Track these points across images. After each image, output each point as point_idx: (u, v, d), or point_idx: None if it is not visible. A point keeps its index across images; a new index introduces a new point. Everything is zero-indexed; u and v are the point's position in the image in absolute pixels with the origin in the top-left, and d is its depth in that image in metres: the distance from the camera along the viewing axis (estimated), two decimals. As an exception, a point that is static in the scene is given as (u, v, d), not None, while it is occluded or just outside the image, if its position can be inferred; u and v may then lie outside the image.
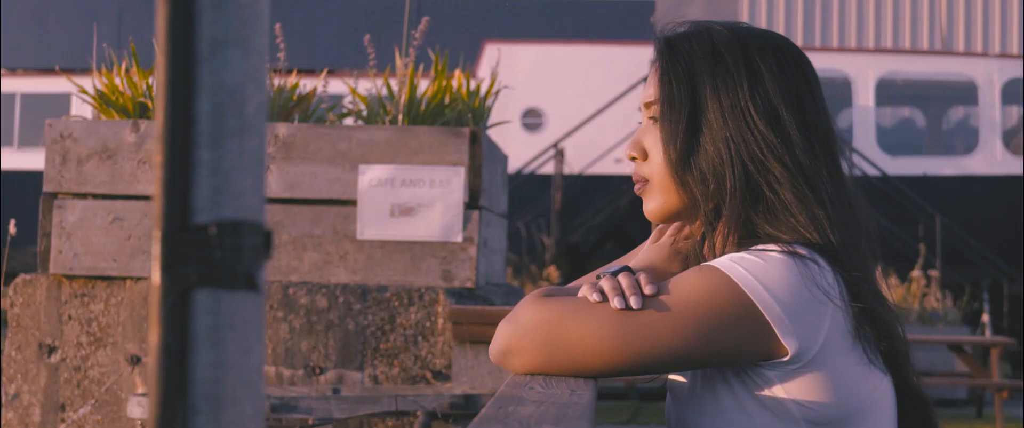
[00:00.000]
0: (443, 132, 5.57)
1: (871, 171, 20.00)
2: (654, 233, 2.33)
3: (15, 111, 23.14)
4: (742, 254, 2.02)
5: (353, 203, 5.60)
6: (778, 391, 2.02)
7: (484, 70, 20.97)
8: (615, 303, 1.99)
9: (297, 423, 4.30)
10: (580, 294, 2.06)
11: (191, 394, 1.05)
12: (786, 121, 2.10)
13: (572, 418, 1.52)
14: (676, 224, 2.27)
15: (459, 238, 5.55)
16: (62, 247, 5.61)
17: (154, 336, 1.05)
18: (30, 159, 21.78)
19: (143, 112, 5.76)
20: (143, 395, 4.46)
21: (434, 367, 5.45)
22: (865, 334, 2.05)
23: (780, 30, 25.66)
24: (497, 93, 6.13)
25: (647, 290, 2.01)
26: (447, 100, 5.94)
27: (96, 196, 5.65)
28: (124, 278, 5.59)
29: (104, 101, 5.79)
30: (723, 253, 2.10)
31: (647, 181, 2.21)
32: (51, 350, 5.60)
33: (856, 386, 2.04)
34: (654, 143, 2.19)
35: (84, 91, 5.87)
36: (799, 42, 24.94)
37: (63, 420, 5.55)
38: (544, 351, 2.03)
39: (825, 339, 1.99)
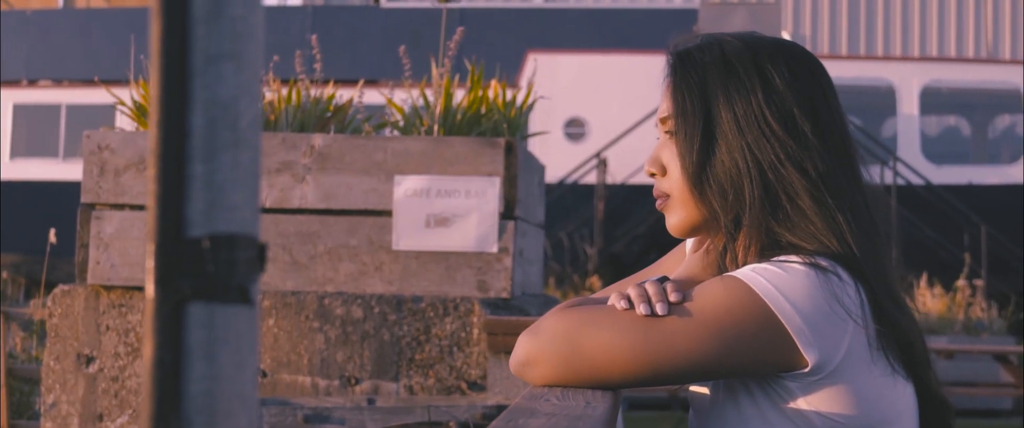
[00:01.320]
0: (478, 142, 5.57)
1: (916, 180, 19.90)
2: (694, 241, 2.32)
3: (60, 123, 23.31)
4: (764, 265, 2.01)
5: (388, 214, 5.61)
6: (800, 403, 2.01)
7: (526, 80, 20.95)
8: (641, 309, 1.99)
9: (330, 433, 4.32)
10: (608, 303, 2.06)
11: (185, 407, 1.05)
12: (802, 127, 2.09)
13: (582, 430, 1.52)
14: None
15: (494, 248, 5.54)
16: (100, 258, 5.64)
17: (148, 349, 1.05)
18: (75, 170, 21.93)
19: (180, 123, 5.78)
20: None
21: (469, 378, 5.45)
22: (887, 344, 2.04)
23: (824, 39, 25.59)
24: (533, 103, 6.12)
25: (672, 298, 2.01)
26: (483, 110, 5.94)
27: (133, 207, 5.68)
28: (161, 289, 5.60)
29: (142, 112, 5.83)
30: (745, 263, 2.09)
31: (668, 196, 2.21)
32: (89, 360, 5.63)
33: (879, 398, 2.03)
34: (672, 158, 2.18)
35: (122, 103, 5.91)
36: (843, 51, 24.87)
37: (101, 430, 5.58)
38: (563, 361, 2.02)
39: (846, 351, 1.98)
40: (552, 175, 20.62)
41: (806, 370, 1.98)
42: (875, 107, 21.82)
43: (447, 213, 5.56)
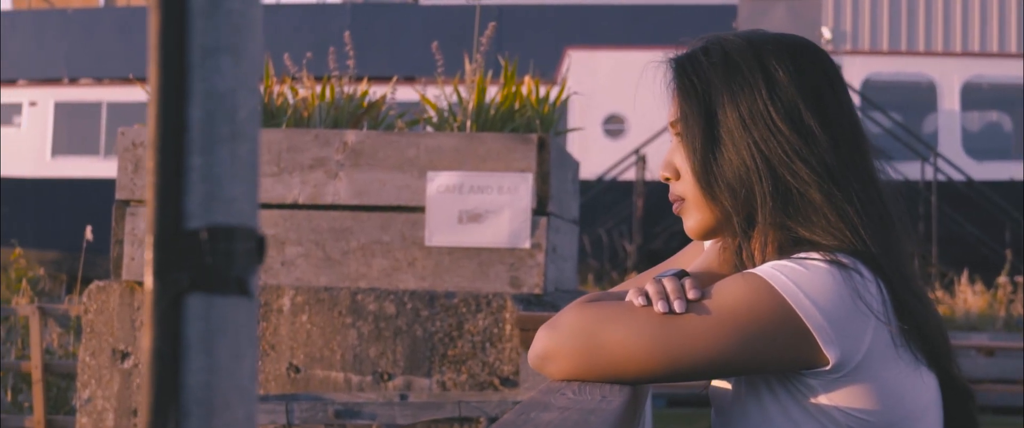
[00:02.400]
0: (511, 138, 5.57)
1: (957, 176, 19.78)
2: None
3: (101, 120, 23.44)
4: (784, 262, 2.00)
5: (421, 210, 5.62)
6: (822, 400, 2.00)
7: (565, 76, 20.94)
8: (659, 307, 1.98)
9: (362, 429, 4.33)
10: (627, 298, 2.05)
11: (183, 399, 1.05)
12: (808, 121, 2.08)
13: (594, 424, 1.52)
14: None
15: (527, 244, 5.54)
16: (134, 254, 5.68)
17: (146, 341, 1.06)
18: (116, 168, 22.06)
19: (214, 120, 5.81)
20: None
21: (502, 374, 5.46)
22: (910, 339, 2.03)
23: (865, 34, 25.46)
24: (566, 99, 6.12)
25: (691, 295, 2.00)
26: (517, 106, 5.94)
27: (168, 203, 5.70)
28: (195, 285, 5.63)
29: (176, 109, 5.85)
30: (763, 262, 2.08)
31: (683, 200, 2.20)
32: (124, 356, 5.66)
33: (903, 393, 2.02)
34: (683, 161, 2.18)
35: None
36: (884, 46, 24.73)
37: (136, 425, 5.61)
38: (581, 356, 2.02)
39: (868, 349, 1.97)
40: (591, 172, 20.61)
41: (827, 368, 1.97)
42: (916, 103, 21.71)
43: (480, 209, 5.56)
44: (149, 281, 1.06)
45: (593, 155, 21.23)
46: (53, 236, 22.20)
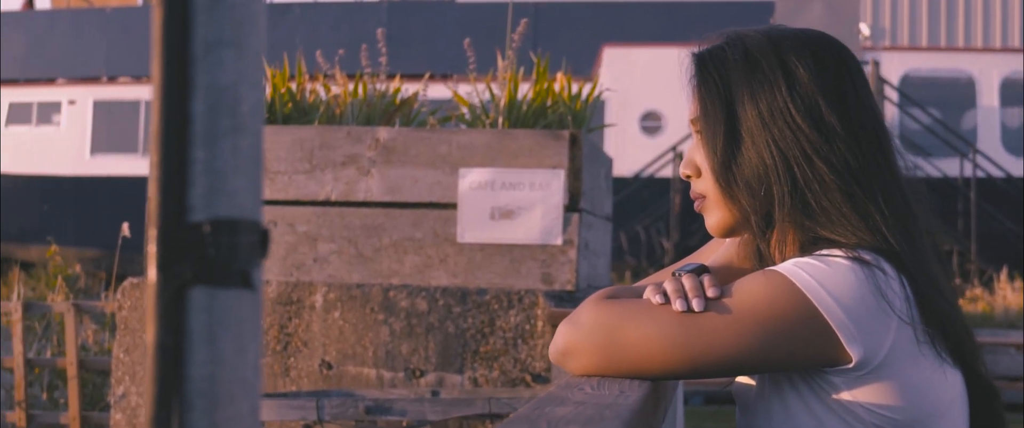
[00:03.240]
0: (542, 135, 5.57)
1: (995, 173, 19.66)
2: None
3: (139, 119, 23.56)
4: (805, 259, 1.99)
5: (453, 206, 5.62)
6: (846, 397, 1.99)
7: (602, 74, 20.94)
8: (677, 305, 1.97)
9: (392, 425, 4.33)
10: (644, 296, 2.04)
11: (187, 391, 1.06)
12: (829, 119, 2.06)
13: (607, 419, 1.51)
14: None
15: (559, 241, 5.54)
16: (168, 251, 5.69)
17: (150, 333, 1.06)
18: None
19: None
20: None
21: (534, 370, 5.45)
22: (933, 334, 2.02)
23: (904, 31, 25.34)
24: (599, 96, 6.11)
25: (710, 293, 1.99)
26: (549, 102, 5.94)
27: (201, 201, 5.72)
28: (228, 281, 5.65)
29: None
30: (784, 260, 2.07)
31: (704, 197, 2.19)
32: (158, 352, 5.68)
33: (927, 390, 2.00)
34: (704, 159, 2.17)
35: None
36: (922, 42, 24.61)
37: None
38: (603, 353, 2.02)
39: (891, 346, 1.96)
40: (628, 168, 20.59)
41: (850, 365, 1.95)
42: (955, 99, 21.60)
43: (512, 205, 5.56)
44: (152, 274, 1.06)
45: (630, 152, 21.21)
46: (92, 234, 22.33)
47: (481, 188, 5.57)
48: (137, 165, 23.12)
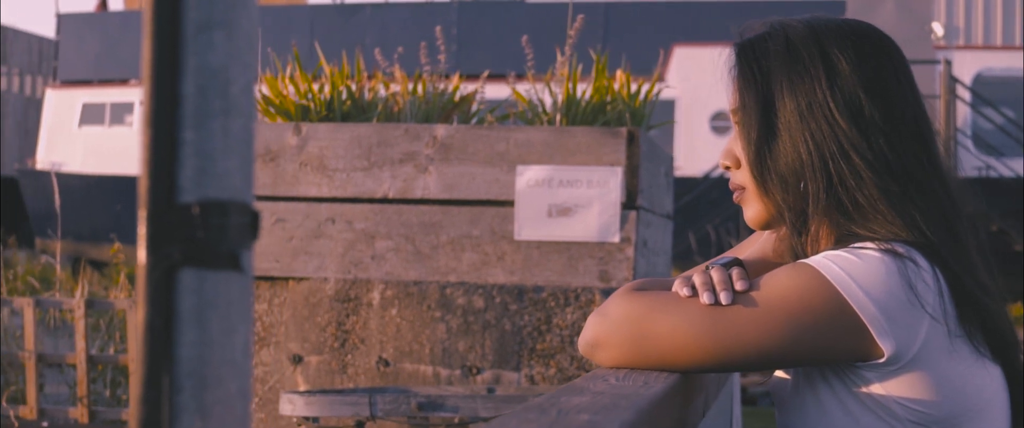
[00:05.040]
0: (600, 132, 5.56)
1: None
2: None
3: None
4: (837, 251, 1.97)
5: (510, 204, 5.62)
6: (880, 393, 1.96)
7: (672, 73, 20.90)
8: (704, 298, 1.96)
9: (445, 421, 4.33)
10: (673, 288, 2.03)
11: (176, 371, 1.06)
12: (868, 114, 2.03)
13: (622, 407, 1.50)
14: None
15: (616, 238, 5.53)
16: (227, 248, 5.72)
17: (140, 314, 1.07)
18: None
19: (305, 115, 5.87)
20: (296, 393, 4.53)
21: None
22: (970, 330, 1.99)
23: (978, 29, 25.07)
24: (659, 93, 6.10)
25: (738, 286, 1.97)
26: (609, 100, 5.93)
27: (259, 198, 5.76)
28: (287, 279, 5.69)
29: (268, 104, 5.91)
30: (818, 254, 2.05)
31: (743, 189, 2.17)
32: (217, 349, 5.72)
33: (963, 385, 1.98)
34: (742, 150, 2.15)
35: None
36: (997, 41, 24.35)
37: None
38: (631, 346, 2.01)
39: (925, 340, 1.93)
40: (699, 168, 20.52)
41: (882, 360, 1.93)
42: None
43: (569, 203, 5.55)
44: (142, 254, 1.07)
45: (700, 152, 21.15)
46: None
47: (538, 185, 5.56)
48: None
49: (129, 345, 7.06)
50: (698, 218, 20.27)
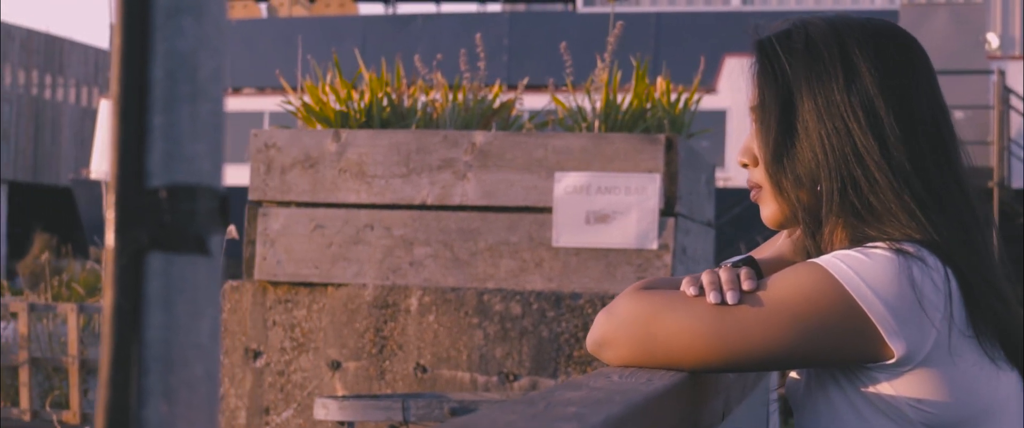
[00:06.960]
0: (638, 139, 5.55)
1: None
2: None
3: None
4: (847, 251, 1.95)
5: (549, 210, 5.62)
6: (891, 393, 1.95)
7: (723, 84, 20.85)
8: (711, 298, 1.95)
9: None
10: (681, 287, 2.02)
11: (143, 354, 1.07)
12: (886, 116, 2.01)
13: (615, 402, 1.50)
14: None
15: (654, 245, 5.51)
16: (266, 254, 5.76)
17: (107, 297, 1.07)
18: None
19: (344, 122, 5.89)
20: (330, 398, 4.55)
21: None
22: (982, 332, 1.97)
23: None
24: (698, 100, 6.09)
25: (746, 285, 1.96)
26: (649, 107, 5.93)
27: (299, 204, 5.79)
28: (326, 284, 5.71)
29: (309, 112, 5.94)
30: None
31: (760, 187, 2.16)
32: (256, 354, 5.75)
33: (975, 387, 1.96)
34: (760, 148, 2.14)
35: (289, 102, 6.03)
36: (1053, 50, 24.14)
37: (267, 423, 5.69)
38: (638, 344, 2.00)
39: (936, 340, 1.91)
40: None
41: (892, 361, 1.92)
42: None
43: (607, 210, 5.54)
44: (110, 238, 1.07)
45: (750, 161, 21.02)
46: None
47: (576, 192, 5.56)
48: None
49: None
50: (749, 228, 20.19)
